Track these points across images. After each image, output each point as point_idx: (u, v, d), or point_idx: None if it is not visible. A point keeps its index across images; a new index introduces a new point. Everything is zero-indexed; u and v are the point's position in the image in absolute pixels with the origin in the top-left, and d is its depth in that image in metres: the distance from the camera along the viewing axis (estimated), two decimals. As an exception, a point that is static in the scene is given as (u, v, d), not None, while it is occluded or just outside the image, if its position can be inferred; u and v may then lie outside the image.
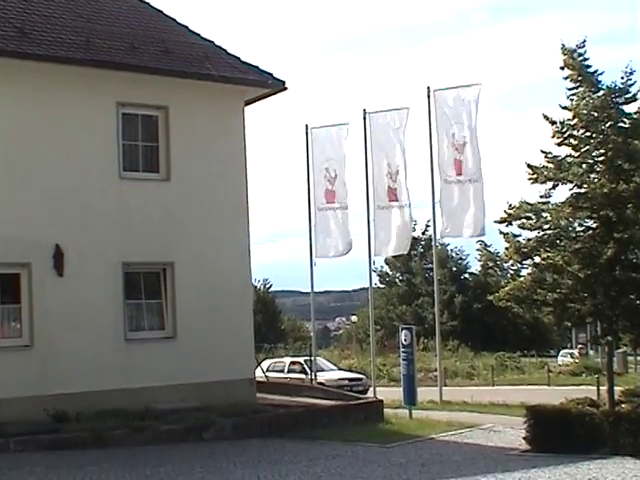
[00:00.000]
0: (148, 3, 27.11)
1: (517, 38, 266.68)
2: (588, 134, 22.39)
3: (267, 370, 37.33)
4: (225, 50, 26.33)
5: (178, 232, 24.26)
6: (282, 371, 41.01)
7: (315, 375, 37.06)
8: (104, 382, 22.25)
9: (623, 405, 21.28)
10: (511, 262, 24.13)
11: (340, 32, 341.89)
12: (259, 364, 34.20)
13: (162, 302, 24.38)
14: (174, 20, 26.85)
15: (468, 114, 31.71)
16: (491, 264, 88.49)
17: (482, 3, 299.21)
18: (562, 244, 22.53)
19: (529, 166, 22.55)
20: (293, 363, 42.30)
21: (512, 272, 31.44)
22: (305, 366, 40.61)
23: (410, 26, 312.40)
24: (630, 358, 59.73)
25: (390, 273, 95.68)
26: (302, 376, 39.55)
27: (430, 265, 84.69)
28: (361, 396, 31.02)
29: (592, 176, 22.40)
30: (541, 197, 22.76)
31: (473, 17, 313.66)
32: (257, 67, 26.08)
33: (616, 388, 22.41)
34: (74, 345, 22.22)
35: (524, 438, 20.70)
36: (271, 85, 26.23)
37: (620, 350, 51.81)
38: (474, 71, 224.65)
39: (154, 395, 22.67)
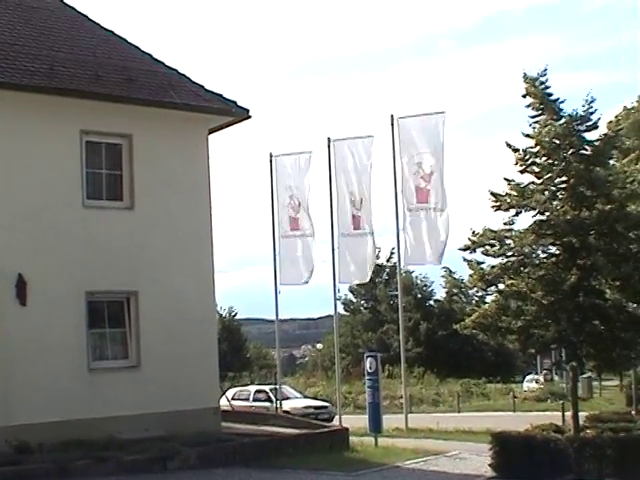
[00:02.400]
0: (112, 31, 27.09)
1: (485, 64, 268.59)
2: (550, 161, 22.58)
3: (232, 399, 37.15)
4: (189, 78, 26.34)
5: (142, 261, 24.16)
6: (247, 399, 40.87)
7: (280, 403, 36.95)
8: (67, 412, 22.04)
9: (588, 431, 21.36)
10: (476, 289, 24.24)
11: (304, 59, 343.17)
12: (224, 393, 34.03)
13: (126, 331, 24.23)
14: (138, 48, 26.85)
15: (434, 142, 31.82)
16: (456, 291, 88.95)
17: (449, 29, 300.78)
18: (526, 271, 22.66)
19: (492, 194, 22.71)
20: (258, 391, 42.20)
21: (477, 299, 31.55)
22: (270, 394, 40.51)
23: (376, 52, 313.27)
24: (595, 383, 60.03)
25: (355, 300, 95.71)
26: (267, 404, 39.45)
27: (395, 292, 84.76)
28: (327, 424, 30.92)
29: (555, 203, 22.57)
30: (504, 224, 22.92)
31: (440, 43, 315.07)
32: (221, 95, 26.11)
33: (581, 413, 22.50)
34: (37, 375, 22.01)
35: (490, 465, 20.71)
36: (235, 113, 26.27)
37: (585, 375, 52.04)
38: (442, 97, 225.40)
39: (118, 425, 22.47)
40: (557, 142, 22.39)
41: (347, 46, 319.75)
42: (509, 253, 22.73)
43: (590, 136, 22.78)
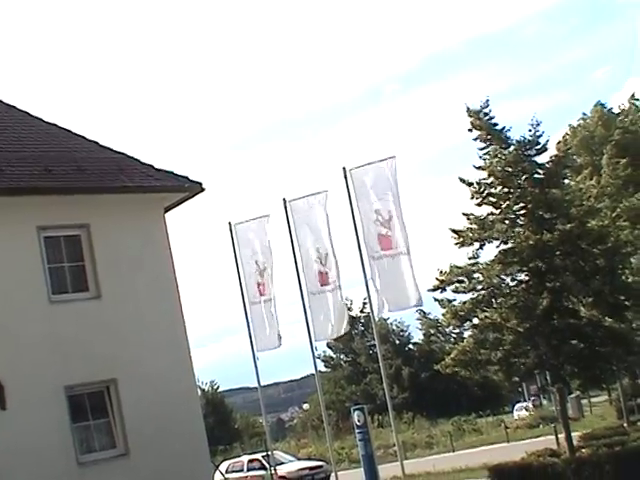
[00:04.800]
0: (55, 124, 27.09)
1: (435, 101, 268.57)
2: (506, 190, 22.80)
3: (226, 472, 36.90)
4: (138, 160, 26.34)
5: (116, 348, 23.95)
6: (241, 470, 40.54)
7: (275, 469, 36.64)
8: (61, 511, 21.74)
9: (583, 450, 21.37)
10: (451, 327, 24.31)
11: (249, 127, 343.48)
12: (217, 467, 33.74)
13: (110, 420, 24.01)
14: (83, 137, 26.83)
15: (389, 188, 31.86)
16: (433, 331, 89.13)
17: (391, 74, 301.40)
18: (497, 301, 22.78)
19: (454, 231, 22.85)
20: (251, 461, 41.85)
21: (455, 336, 31.61)
22: (264, 462, 40.18)
23: (323, 109, 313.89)
24: (584, 401, 60.07)
25: (334, 356, 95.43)
26: (262, 472, 39.13)
27: (372, 342, 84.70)
28: (324, 483, 30.72)
29: (516, 230, 22.75)
30: (470, 259, 23.05)
31: (385, 89, 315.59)
32: (172, 172, 26.11)
33: (574, 434, 22.52)
34: (24, 478, 21.68)
35: (491, 499, 20.64)
36: (188, 188, 26.25)
37: (573, 395, 52.11)
38: (396, 141, 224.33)
39: (114, 516, 22.20)
40: (509, 170, 22.63)
41: (293, 108, 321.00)
42: (479, 287, 22.86)
43: (541, 159, 23.07)
